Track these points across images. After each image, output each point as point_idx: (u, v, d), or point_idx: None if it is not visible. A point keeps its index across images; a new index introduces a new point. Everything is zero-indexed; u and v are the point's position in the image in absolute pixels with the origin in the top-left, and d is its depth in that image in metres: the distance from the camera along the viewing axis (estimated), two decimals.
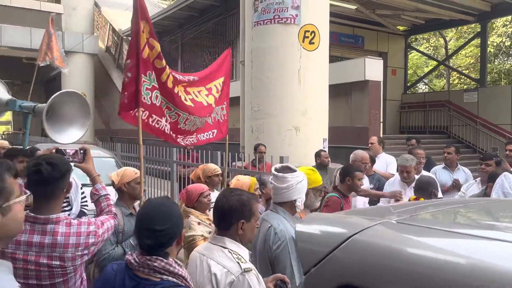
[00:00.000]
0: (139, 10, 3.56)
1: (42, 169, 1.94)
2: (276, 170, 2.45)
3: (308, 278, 2.14)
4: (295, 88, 7.00)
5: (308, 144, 6.92)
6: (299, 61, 7.06)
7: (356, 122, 9.32)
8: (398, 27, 15.14)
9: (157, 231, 1.60)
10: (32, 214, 1.95)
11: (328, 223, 2.46)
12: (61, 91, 4.30)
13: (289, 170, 2.46)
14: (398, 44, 15.34)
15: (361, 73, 8.95)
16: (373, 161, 4.90)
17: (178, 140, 4.18)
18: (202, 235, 2.88)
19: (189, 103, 4.10)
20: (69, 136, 4.28)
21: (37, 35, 18.83)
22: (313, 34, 7.11)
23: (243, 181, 3.33)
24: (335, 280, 1.96)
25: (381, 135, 8.81)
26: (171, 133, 4.03)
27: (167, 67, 3.85)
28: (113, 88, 18.96)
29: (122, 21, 19.16)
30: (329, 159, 5.91)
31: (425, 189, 3.65)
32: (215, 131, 4.57)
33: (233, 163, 6.30)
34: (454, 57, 21.11)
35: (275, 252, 2.27)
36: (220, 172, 4.06)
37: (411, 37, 17.54)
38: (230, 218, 1.94)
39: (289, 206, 2.42)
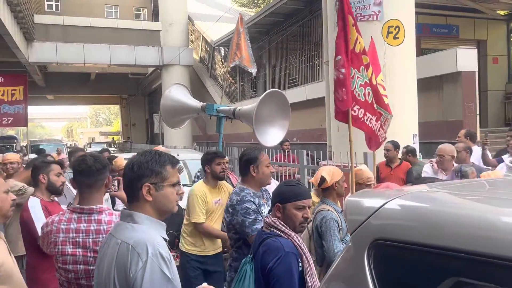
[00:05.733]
0: (345, 4, 3.58)
1: (87, 159, 2.20)
2: None
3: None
4: None
5: (396, 140, 6.81)
6: (384, 57, 6.99)
7: (449, 116, 8.87)
8: (498, 11, 13.98)
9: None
10: (79, 206, 2.18)
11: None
12: (266, 92, 4.22)
13: None
14: (499, 30, 14.13)
15: (453, 65, 8.51)
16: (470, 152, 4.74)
17: (381, 140, 3.99)
18: None
19: (386, 100, 3.93)
20: (272, 138, 4.33)
21: (139, 52, 20.79)
22: (397, 29, 7.00)
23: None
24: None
25: (478, 128, 8.30)
26: (378, 133, 3.85)
27: (371, 64, 3.72)
28: (208, 96, 20.10)
29: (213, 32, 20.29)
30: None
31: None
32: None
33: (322, 162, 6.44)
34: None
35: None
36: (374, 182, 3.70)
37: None
38: None
39: None
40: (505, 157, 5.05)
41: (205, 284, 1.62)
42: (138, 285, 1.43)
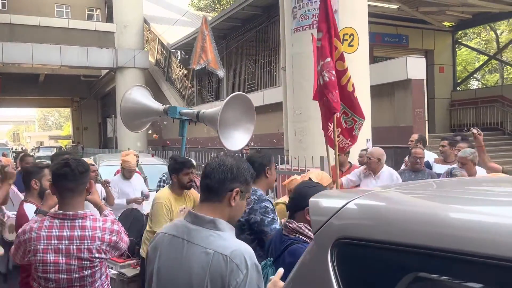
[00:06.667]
0: (329, 11, 3.64)
1: (70, 162, 2.10)
2: None
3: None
4: None
5: None
6: None
7: (400, 122, 9.26)
8: (444, 23, 14.78)
9: (290, 198, 2.34)
10: (61, 212, 2.09)
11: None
12: (231, 95, 4.10)
13: None
14: (445, 40, 14.96)
15: (403, 72, 8.90)
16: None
17: (342, 145, 4.01)
18: None
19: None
20: (236, 142, 4.19)
21: (92, 54, 20.16)
22: (351, 37, 7.22)
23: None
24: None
25: (427, 134, 8.70)
26: (336, 138, 3.82)
27: (348, 70, 3.70)
28: (164, 100, 19.78)
29: (170, 35, 20.04)
30: None
31: None
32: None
33: (279, 167, 6.51)
34: (508, 51, 20.15)
35: None
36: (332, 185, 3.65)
37: (460, 32, 17.00)
38: None
39: None
40: (431, 161, 5.35)
41: (281, 269, 1.61)
42: None
